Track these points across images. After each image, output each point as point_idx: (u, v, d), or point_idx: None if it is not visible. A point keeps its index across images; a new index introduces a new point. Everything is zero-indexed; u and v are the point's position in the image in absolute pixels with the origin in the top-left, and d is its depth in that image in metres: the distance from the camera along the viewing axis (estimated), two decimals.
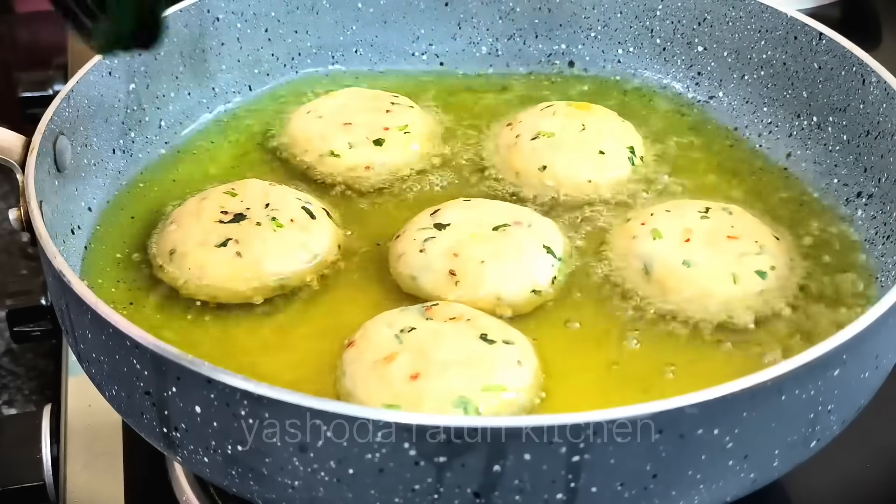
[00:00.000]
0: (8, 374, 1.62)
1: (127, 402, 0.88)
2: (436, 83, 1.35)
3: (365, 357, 0.94)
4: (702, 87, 1.30)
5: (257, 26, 1.30)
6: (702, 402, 0.77)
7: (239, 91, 1.30)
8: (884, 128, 1.09)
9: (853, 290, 1.06)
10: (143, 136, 1.22)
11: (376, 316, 0.99)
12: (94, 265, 1.08)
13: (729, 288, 1.02)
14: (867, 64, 1.12)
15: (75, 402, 1.16)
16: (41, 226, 0.94)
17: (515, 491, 0.77)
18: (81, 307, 0.87)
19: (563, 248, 1.08)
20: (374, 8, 1.34)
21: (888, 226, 1.08)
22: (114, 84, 1.17)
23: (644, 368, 0.98)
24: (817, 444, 0.88)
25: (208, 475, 0.86)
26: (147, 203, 1.16)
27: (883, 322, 0.85)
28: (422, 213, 1.11)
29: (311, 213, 1.09)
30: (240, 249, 1.05)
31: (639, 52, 1.33)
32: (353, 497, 0.79)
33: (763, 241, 1.06)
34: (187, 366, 0.79)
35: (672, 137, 1.25)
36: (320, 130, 1.21)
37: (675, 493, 0.81)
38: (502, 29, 1.37)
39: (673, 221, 1.08)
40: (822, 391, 0.83)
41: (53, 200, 1.03)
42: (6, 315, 1.44)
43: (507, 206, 1.11)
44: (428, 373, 0.91)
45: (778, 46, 1.22)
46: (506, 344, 0.95)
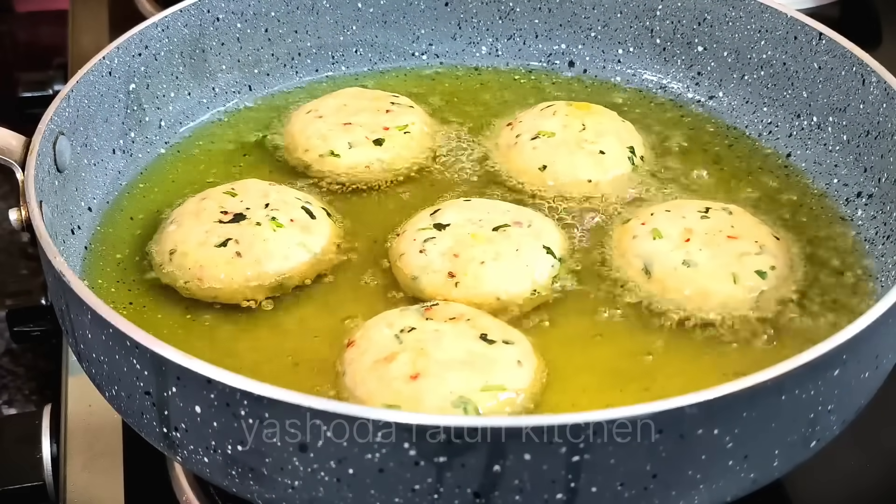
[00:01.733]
0: (8, 374, 1.62)
1: (127, 402, 0.88)
2: (436, 83, 1.35)
3: (365, 357, 0.94)
4: (702, 87, 1.30)
5: (257, 26, 1.30)
6: (702, 402, 0.77)
7: (239, 91, 1.30)
8: (884, 128, 1.09)
9: (853, 290, 1.06)
10: (143, 136, 1.22)
11: (376, 316, 0.99)
12: (94, 265, 1.08)
13: (729, 288, 1.02)
14: (867, 64, 1.12)
15: (75, 402, 1.16)
16: (41, 226, 0.94)
17: (515, 491, 0.77)
18: (81, 307, 0.87)
19: (563, 249, 1.08)
20: (374, 8, 1.34)
21: (888, 226, 1.08)
22: (114, 84, 1.17)
23: (644, 368, 0.98)
24: (817, 444, 0.88)
25: (208, 475, 0.86)
26: (147, 203, 1.16)
27: (883, 322, 0.85)
28: (422, 213, 1.11)
29: (311, 212, 1.09)
30: (240, 249, 1.05)
31: (639, 52, 1.33)
32: (353, 497, 0.79)
33: (763, 240, 1.06)
34: (187, 366, 0.79)
35: (672, 137, 1.25)
36: (320, 130, 1.21)
37: (675, 493, 0.81)
38: (502, 29, 1.37)
39: (673, 221, 1.08)
40: (822, 391, 0.83)
41: (53, 200, 1.03)
42: (6, 315, 1.44)
43: (507, 207, 1.11)
44: (428, 373, 0.91)
45: (778, 46, 1.22)
46: (506, 344, 0.95)
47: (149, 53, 1.21)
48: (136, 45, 1.19)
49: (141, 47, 1.20)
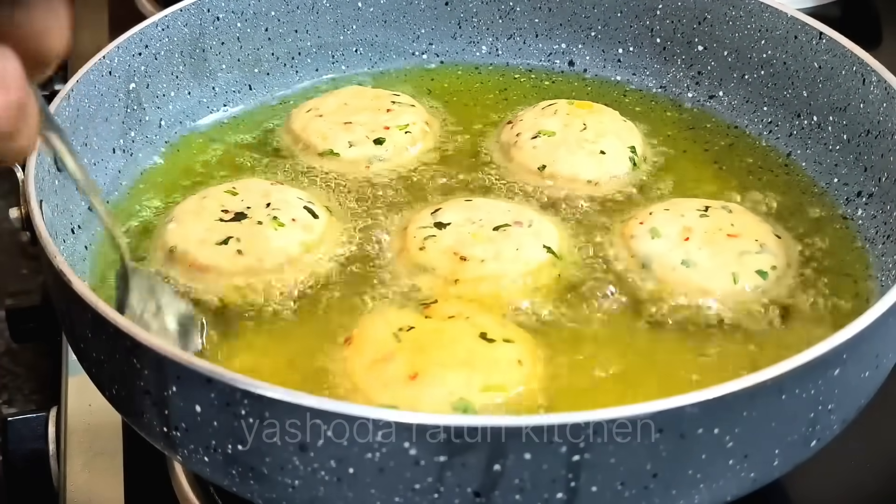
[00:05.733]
0: (8, 374, 1.62)
1: (127, 402, 0.88)
2: (436, 82, 1.35)
3: (364, 356, 0.94)
4: (702, 86, 1.30)
5: (257, 26, 1.30)
6: (702, 402, 0.77)
7: (239, 91, 1.30)
8: (884, 127, 1.09)
9: (853, 289, 1.06)
10: (144, 135, 1.22)
11: (375, 314, 0.99)
12: (94, 265, 1.08)
13: (729, 287, 1.02)
14: (867, 63, 1.12)
15: (75, 402, 1.16)
16: (41, 225, 0.93)
17: (516, 490, 0.77)
18: (81, 307, 0.87)
19: (562, 248, 1.08)
20: (375, 7, 1.34)
21: (888, 225, 1.08)
22: (114, 84, 1.17)
23: (644, 367, 0.98)
24: (817, 443, 0.88)
25: (208, 475, 0.86)
26: (147, 202, 1.16)
27: (883, 322, 0.85)
28: (422, 211, 1.11)
29: (313, 212, 1.09)
30: (241, 247, 1.04)
31: (639, 52, 1.33)
32: (353, 496, 0.79)
33: (763, 239, 1.06)
34: (187, 365, 0.79)
35: (672, 137, 1.25)
36: (321, 129, 1.21)
37: (675, 493, 0.81)
38: (502, 28, 1.37)
39: (672, 220, 1.08)
40: (822, 391, 0.83)
41: (53, 200, 1.03)
42: (6, 315, 1.44)
43: (508, 206, 1.11)
44: (427, 372, 0.91)
45: (778, 46, 1.22)
46: (506, 342, 0.95)
47: (149, 53, 1.21)
48: (136, 45, 1.19)
49: (141, 47, 1.20)
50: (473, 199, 1.12)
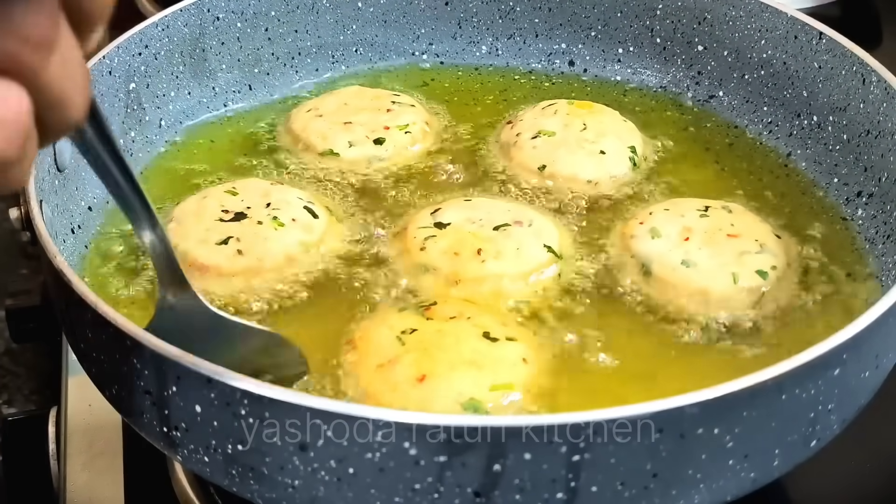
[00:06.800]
0: (8, 374, 1.62)
1: (127, 402, 0.88)
2: (436, 82, 1.35)
3: (368, 360, 0.93)
4: (702, 86, 1.30)
5: (257, 26, 1.30)
6: (702, 402, 0.77)
7: (239, 91, 1.30)
8: (884, 127, 1.09)
9: (853, 289, 1.06)
10: (144, 135, 1.22)
11: (375, 317, 0.99)
12: (94, 265, 1.08)
13: (729, 286, 1.02)
14: (867, 63, 1.12)
15: (75, 402, 1.16)
16: (41, 225, 0.93)
17: (516, 490, 0.77)
18: (81, 307, 0.87)
19: (563, 248, 1.08)
20: (374, 7, 1.34)
21: (888, 225, 1.08)
22: (114, 84, 1.17)
23: (644, 367, 0.98)
24: (817, 443, 0.88)
25: (208, 475, 0.86)
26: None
27: (883, 322, 0.85)
28: (422, 211, 1.11)
29: (313, 212, 1.09)
30: (241, 247, 1.04)
31: (639, 52, 1.33)
32: (353, 496, 0.79)
33: (764, 239, 1.06)
34: (187, 365, 0.79)
35: (672, 137, 1.25)
36: (321, 129, 1.21)
37: (675, 493, 0.81)
38: (502, 28, 1.37)
39: (672, 220, 1.08)
40: (822, 391, 0.83)
41: (53, 200, 1.03)
42: (6, 315, 1.44)
43: (508, 206, 1.11)
44: (435, 374, 0.91)
45: (778, 46, 1.22)
46: (509, 341, 0.95)
47: (149, 53, 1.21)
48: (137, 45, 1.19)
49: (141, 47, 1.20)
50: (473, 199, 1.12)
